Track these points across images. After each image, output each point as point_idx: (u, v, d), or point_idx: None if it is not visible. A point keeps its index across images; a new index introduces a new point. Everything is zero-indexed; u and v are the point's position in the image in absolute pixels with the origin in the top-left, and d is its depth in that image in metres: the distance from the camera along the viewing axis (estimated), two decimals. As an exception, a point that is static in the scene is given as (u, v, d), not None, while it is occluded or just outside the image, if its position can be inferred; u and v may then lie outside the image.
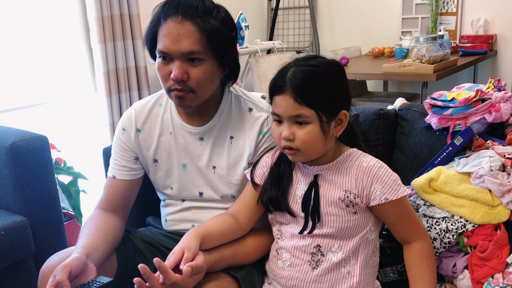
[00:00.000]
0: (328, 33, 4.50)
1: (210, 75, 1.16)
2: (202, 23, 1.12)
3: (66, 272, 1.00)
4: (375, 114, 1.65)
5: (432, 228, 1.22)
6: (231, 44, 1.18)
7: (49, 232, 1.87)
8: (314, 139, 1.02)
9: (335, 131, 1.05)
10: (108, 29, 2.84)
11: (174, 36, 1.11)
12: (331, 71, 1.03)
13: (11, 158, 1.74)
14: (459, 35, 3.87)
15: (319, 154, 1.06)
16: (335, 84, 1.03)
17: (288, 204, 1.11)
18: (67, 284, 0.98)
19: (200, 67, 1.14)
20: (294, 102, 1.01)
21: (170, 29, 1.12)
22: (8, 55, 2.54)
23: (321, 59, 1.06)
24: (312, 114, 1.01)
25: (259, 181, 1.18)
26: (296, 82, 1.01)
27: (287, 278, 1.11)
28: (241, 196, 1.21)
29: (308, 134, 1.02)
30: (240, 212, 1.18)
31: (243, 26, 3.60)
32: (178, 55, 1.12)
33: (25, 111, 2.65)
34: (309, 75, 1.01)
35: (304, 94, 1.00)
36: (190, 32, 1.11)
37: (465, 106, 1.44)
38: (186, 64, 1.13)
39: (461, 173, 1.24)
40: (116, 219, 1.28)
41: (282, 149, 1.07)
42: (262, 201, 1.15)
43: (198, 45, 1.12)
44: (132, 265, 1.24)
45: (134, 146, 1.33)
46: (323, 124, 1.02)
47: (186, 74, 1.13)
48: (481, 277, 1.12)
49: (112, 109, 2.94)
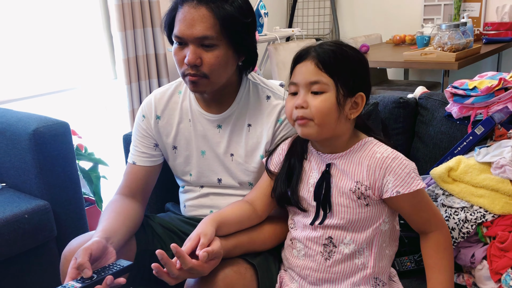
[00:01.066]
0: (348, 20, 4.45)
1: (224, 61, 1.16)
2: (216, 8, 1.12)
3: (86, 254, 1.02)
4: (395, 103, 1.64)
5: (450, 218, 1.22)
6: (246, 31, 1.18)
7: (71, 217, 1.92)
8: (329, 109, 1.00)
9: (350, 113, 1.04)
10: (128, 17, 2.86)
11: (189, 21, 1.13)
12: (356, 53, 1.05)
13: (34, 144, 1.78)
14: (483, 22, 3.78)
15: (331, 131, 1.04)
16: (357, 65, 1.04)
17: (298, 197, 1.11)
18: (88, 266, 1.00)
19: (213, 53, 1.14)
20: (315, 67, 1.01)
21: (185, 14, 1.13)
22: (31, 43, 2.59)
23: (347, 43, 1.07)
24: (330, 82, 1.00)
25: (274, 169, 1.18)
26: (321, 50, 1.02)
27: (301, 267, 1.12)
28: (258, 184, 1.22)
29: (323, 102, 1.00)
30: (257, 200, 1.18)
31: (262, 13, 3.58)
32: (192, 40, 1.13)
33: (46, 98, 2.70)
34: (334, 48, 1.03)
35: (326, 61, 1.01)
36: (204, 17, 1.12)
37: (487, 95, 1.41)
38: (200, 49, 1.14)
39: (481, 163, 1.23)
40: (136, 204, 1.30)
41: (293, 122, 1.05)
42: (274, 196, 1.16)
43: (211, 30, 1.12)
44: (151, 250, 1.25)
45: (154, 133, 1.34)
46: (339, 96, 1.01)
47: (199, 59, 1.14)
48: (500, 268, 1.11)
49: (132, 96, 2.97)
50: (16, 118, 1.89)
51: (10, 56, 2.51)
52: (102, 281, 1.00)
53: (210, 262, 1.03)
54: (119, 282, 1.02)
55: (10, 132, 1.86)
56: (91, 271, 1.01)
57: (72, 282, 1.00)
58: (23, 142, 1.81)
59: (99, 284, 0.99)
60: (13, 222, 1.69)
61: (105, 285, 0.99)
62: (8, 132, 1.87)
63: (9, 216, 1.69)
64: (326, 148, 1.09)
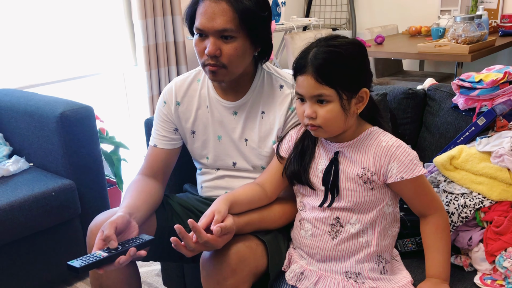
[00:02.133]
0: (365, 11, 4.47)
1: (242, 52, 1.24)
2: (236, 3, 1.20)
3: (112, 227, 1.12)
4: (403, 93, 1.70)
5: (451, 203, 1.29)
6: (263, 24, 1.26)
7: (94, 196, 2.03)
8: (335, 117, 1.08)
9: (356, 108, 1.11)
10: (149, 5, 2.94)
11: (209, 15, 1.21)
12: (351, 50, 1.08)
13: (61, 126, 1.89)
14: (500, 14, 3.78)
15: (340, 130, 1.13)
16: (354, 63, 1.08)
17: (309, 178, 1.19)
18: (114, 238, 1.10)
19: (232, 44, 1.22)
20: (315, 82, 1.07)
21: (206, 7, 1.21)
22: (57, 31, 2.69)
23: (342, 39, 1.11)
24: (332, 93, 1.07)
25: (284, 154, 1.26)
26: (316, 62, 1.06)
27: (309, 246, 1.20)
28: (268, 168, 1.30)
29: (329, 112, 1.08)
30: (267, 182, 1.27)
31: (279, 3, 3.62)
32: (212, 32, 1.21)
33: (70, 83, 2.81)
34: (329, 55, 1.06)
35: (324, 74, 1.06)
36: (224, 11, 1.20)
37: (492, 87, 1.47)
38: (220, 41, 1.22)
39: (482, 152, 1.29)
40: (156, 184, 1.39)
41: (305, 126, 1.14)
42: (286, 174, 1.24)
43: (230, 23, 1.20)
44: (170, 226, 1.35)
45: (174, 118, 1.43)
46: (343, 102, 1.08)
47: (219, 50, 1.22)
48: (494, 250, 1.19)
49: (151, 83, 3.06)
50: (43, 101, 2.00)
51: (38, 43, 2.62)
52: (125, 252, 1.09)
53: (223, 237, 1.12)
54: (140, 254, 1.11)
55: (38, 115, 1.97)
56: (117, 243, 1.10)
57: (99, 251, 1.09)
58: (51, 124, 1.92)
59: (123, 255, 1.09)
60: (41, 199, 1.81)
61: (128, 256, 1.09)
62: (36, 115, 1.98)
63: (37, 193, 1.81)
64: (333, 138, 1.17)
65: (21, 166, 2.02)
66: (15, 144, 2.15)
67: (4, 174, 1.96)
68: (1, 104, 2.16)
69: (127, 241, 1.14)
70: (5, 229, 1.72)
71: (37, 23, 2.61)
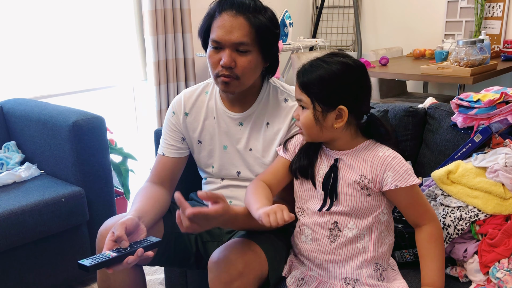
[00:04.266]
0: (371, 33, 4.57)
1: (254, 65, 1.31)
2: (253, 18, 1.28)
3: (123, 228, 1.17)
4: (404, 111, 1.76)
5: (447, 216, 1.34)
6: (275, 40, 1.34)
7: (102, 204, 2.09)
8: (308, 124, 1.18)
9: (335, 123, 1.17)
10: (161, 22, 3.03)
11: (227, 28, 1.28)
12: (336, 68, 1.14)
13: (73, 135, 1.96)
14: (503, 39, 3.86)
15: (320, 137, 1.21)
16: (335, 80, 1.15)
17: (314, 173, 1.25)
18: (125, 238, 1.15)
19: (247, 57, 1.30)
20: (298, 88, 1.19)
21: (224, 21, 1.28)
22: (71, 44, 2.79)
23: (337, 57, 1.17)
24: (308, 101, 1.17)
25: (289, 157, 1.31)
26: (300, 70, 1.19)
27: (309, 250, 1.25)
28: (271, 168, 1.34)
29: (304, 118, 1.19)
30: (271, 181, 1.31)
31: (287, 23, 3.72)
32: (229, 45, 1.28)
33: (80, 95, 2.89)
34: (312, 68, 1.17)
35: (304, 83, 1.17)
36: (241, 25, 1.27)
37: (489, 107, 1.53)
38: (235, 53, 1.29)
39: (478, 167, 1.35)
40: (164, 191, 1.45)
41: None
42: (291, 169, 1.30)
43: (247, 37, 1.28)
44: (176, 233, 1.41)
45: (182, 128, 1.49)
46: (316, 112, 1.16)
47: (234, 62, 1.29)
48: (488, 262, 1.23)
49: (160, 97, 3.14)
50: (57, 111, 2.08)
51: (53, 56, 2.71)
52: (134, 252, 1.14)
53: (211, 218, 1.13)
54: (148, 255, 1.16)
55: (51, 123, 2.05)
56: (128, 242, 1.16)
57: (109, 252, 1.15)
58: (63, 133, 1.99)
59: (131, 255, 1.14)
60: (51, 205, 1.87)
61: (136, 257, 1.14)
62: (49, 124, 2.05)
63: (48, 199, 1.87)
64: (331, 146, 1.24)
65: (32, 172, 2.08)
66: (27, 152, 2.21)
67: (16, 180, 2.02)
68: (15, 113, 2.24)
69: (135, 242, 1.20)
70: (16, 232, 1.78)
71: (53, 36, 2.71)
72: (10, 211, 1.77)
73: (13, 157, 2.16)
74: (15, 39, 2.55)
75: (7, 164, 2.12)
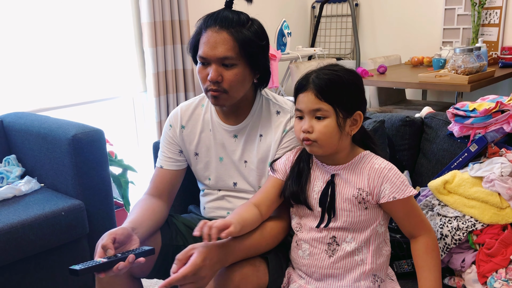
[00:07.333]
0: (369, 42, 4.60)
1: (242, 78, 1.33)
2: (236, 33, 1.30)
3: (110, 238, 1.19)
4: (401, 121, 1.77)
5: (444, 226, 1.34)
6: (261, 52, 1.35)
7: (102, 216, 2.09)
8: (331, 132, 1.16)
9: (350, 130, 1.19)
10: (159, 34, 3.05)
11: (212, 44, 1.30)
12: (348, 76, 1.18)
13: (72, 148, 1.97)
14: (500, 46, 3.88)
15: (334, 148, 1.19)
16: (352, 88, 1.18)
17: (306, 198, 1.25)
18: (110, 247, 1.17)
19: (233, 71, 1.31)
20: (315, 98, 1.16)
21: (209, 37, 1.30)
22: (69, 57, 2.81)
23: (341, 67, 1.20)
24: (330, 109, 1.15)
25: (281, 176, 1.30)
26: (318, 81, 1.16)
27: (307, 266, 1.25)
28: (263, 188, 1.34)
29: (325, 127, 1.16)
30: (262, 203, 1.29)
31: (285, 33, 3.74)
32: (214, 60, 1.30)
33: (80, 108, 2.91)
34: (330, 77, 1.16)
35: (324, 91, 1.15)
36: (225, 40, 1.29)
37: (485, 116, 1.54)
38: (221, 68, 1.31)
39: (474, 177, 1.35)
40: (161, 203, 1.46)
41: (301, 141, 1.21)
42: (284, 196, 1.29)
43: (231, 51, 1.29)
44: (174, 245, 1.42)
45: (179, 140, 1.51)
46: (339, 119, 1.16)
47: (221, 76, 1.31)
48: (486, 272, 1.23)
49: (160, 108, 3.15)
50: (56, 124, 2.09)
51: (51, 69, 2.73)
52: (125, 258, 1.16)
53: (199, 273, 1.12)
54: (139, 261, 1.17)
55: (51, 137, 2.06)
56: (114, 251, 1.17)
57: (100, 258, 1.16)
58: (63, 146, 2.00)
59: (122, 261, 1.15)
60: (51, 218, 1.88)
61: (127, 263, 1.15)
62: (49, 137, 2.07)
63: (48, 213, 1.88)
64: (329, 160, 1.24)
65: (32, 186, 2.09)
66: (27, 165, 2.23)
67: (16, 194, 2.03)
68: (15, 127, 2.26)
69: (127, 251, 1.21)
70: (16, 246, 1.78)
71: (53, 49, 2.73)
72: (10, 225, 1.78)
73: (13, 171, 2.17)
74: (15, 52, 2.57)
75: (8, 178, 2.13)
